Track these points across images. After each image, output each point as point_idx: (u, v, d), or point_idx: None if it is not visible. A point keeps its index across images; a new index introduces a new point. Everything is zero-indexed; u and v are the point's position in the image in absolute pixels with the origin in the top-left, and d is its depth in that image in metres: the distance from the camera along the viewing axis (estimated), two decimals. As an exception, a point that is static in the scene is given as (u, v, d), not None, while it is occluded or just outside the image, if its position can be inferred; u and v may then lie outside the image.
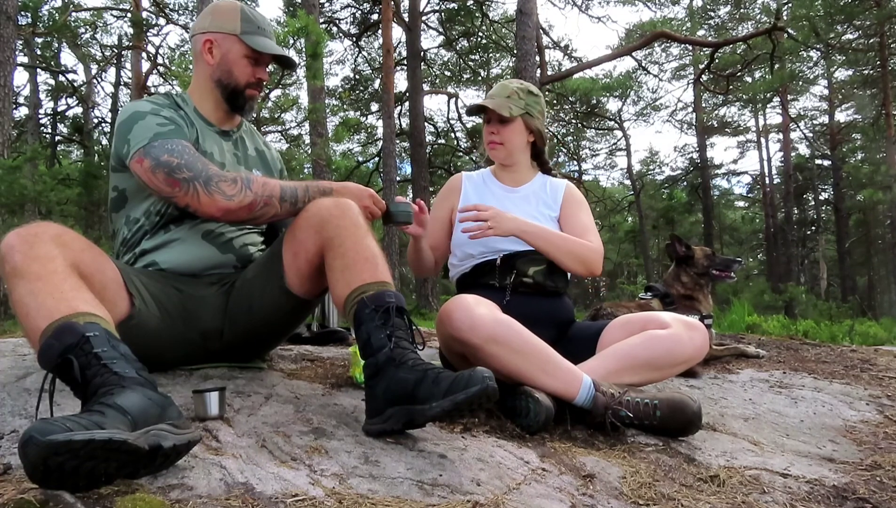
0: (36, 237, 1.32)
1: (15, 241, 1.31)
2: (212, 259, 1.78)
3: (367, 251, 1.51)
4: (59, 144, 19.90)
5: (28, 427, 0.95)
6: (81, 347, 1.17)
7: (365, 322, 1.43)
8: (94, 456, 0.97)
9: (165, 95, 1.86)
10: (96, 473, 1.00)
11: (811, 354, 3.39)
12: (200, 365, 1.79)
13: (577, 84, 18.98)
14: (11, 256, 1.29)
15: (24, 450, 0.94)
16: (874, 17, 15.35)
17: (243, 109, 1.88)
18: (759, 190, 25.96)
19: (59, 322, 1.20)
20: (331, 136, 10.67)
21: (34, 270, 1.27)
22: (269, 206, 1.61)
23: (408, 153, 18.41)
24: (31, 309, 1.24)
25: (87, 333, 1.19)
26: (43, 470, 0.94)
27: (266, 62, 1.86)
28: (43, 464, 0.93)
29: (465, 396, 1.27)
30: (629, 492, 1.32)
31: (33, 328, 1.23)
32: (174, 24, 15.11)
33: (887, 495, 1.42)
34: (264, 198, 1.61)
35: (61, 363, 1.16)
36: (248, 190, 1.60)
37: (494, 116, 2.12)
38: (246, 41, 1.79)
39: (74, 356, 1.16)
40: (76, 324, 1.21)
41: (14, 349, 1.92)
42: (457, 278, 2.17)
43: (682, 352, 1.82)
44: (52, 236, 1.35)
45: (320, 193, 1.66)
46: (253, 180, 1.62)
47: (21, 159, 10.30)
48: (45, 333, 1.20)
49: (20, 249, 1.30)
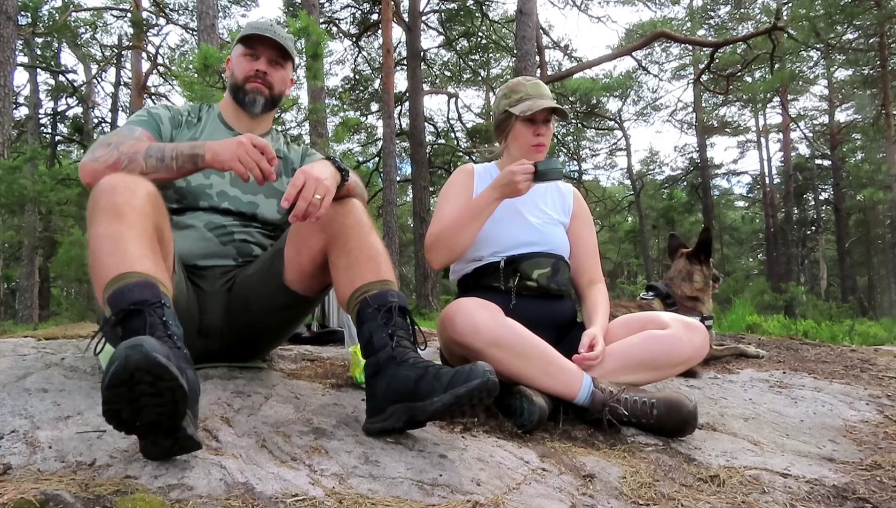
0: (139, 188, 1.36)
1: (119, 183, 1.34)
2: (211, 250, 1.80)
3: (371, 250, 1.51)
4: (59, 144, 19.89)
5: (138, 338, 1.04)
6: (156, 309, 1.20)
7: (367, 321, 1.44)
8: (161, 394, 1.04)
9: (194, 103, 1.99)
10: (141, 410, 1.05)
11: (811, 354, 3.39)
12: (200, 365, 1.79)
13: (577, 84, 19.00)
14: (113, 194, 1.32)
15: (126, 352, 1.00)
16: (874, 17, 15.35)
17: (244, 103, 1.90)
18: (759, 190, 25.97)
19: (142, 276, 1.23)
20: (331, 136, 10.65)
21: (130, 218, 1.30)
22: (133, 162, 1.53)
23: (408, 153, 18.41)
24: (114, 250, 1.25)
25: (164, 301, 1.22)
26: (126, 378, 1.01)
27: (267, 56, 1.89)
28: (131, 376, 1.00)
29: (466, 389, 1.27)
30: (629, 492, 1.32)
31: (108, 267, 1.24)
32: (174, 24, 15.12)
33: (887, 495, 1.42)
34: (129, 156, 1.53)
35: (131, 311, 1.18)
36: (115, 150, 1.54)
37: (541, 117, 2.06)
38: (240, 40, 1.89)
39: (147, 313, 1.18)
40: (157, 286, 1.24)
41: (14, 349, 1.92)
42: (458, 279, 2.17)
43: (681, 353, 1.82)
44: (149, 192, 1.38)
45: (189, 155, 1.54)
46: (126, 143, 1.58)
47: (21, 159, 10.30)
48: (125, 278, 1.22)
49: (122, 191, 1.33)
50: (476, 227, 1.95)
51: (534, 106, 2.01)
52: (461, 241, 1.95)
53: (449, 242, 1.95)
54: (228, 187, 1.86)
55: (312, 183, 1.42)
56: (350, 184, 1.60)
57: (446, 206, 2.06)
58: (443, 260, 1.99)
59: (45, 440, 1.23)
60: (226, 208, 1.84)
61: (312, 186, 1.42)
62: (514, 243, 2.03)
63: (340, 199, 1.57)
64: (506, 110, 2.09)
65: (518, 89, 2.10)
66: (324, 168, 1.49)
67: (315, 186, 1.42)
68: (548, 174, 1.86)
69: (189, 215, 1.80)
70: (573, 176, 24.48)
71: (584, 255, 2.14)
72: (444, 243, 1.96)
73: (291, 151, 2.04)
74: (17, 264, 15.26)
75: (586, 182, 25.52)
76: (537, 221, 2.09)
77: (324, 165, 1.51)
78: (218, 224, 1.82)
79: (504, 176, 1.89)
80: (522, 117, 2.04)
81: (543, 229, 2.08)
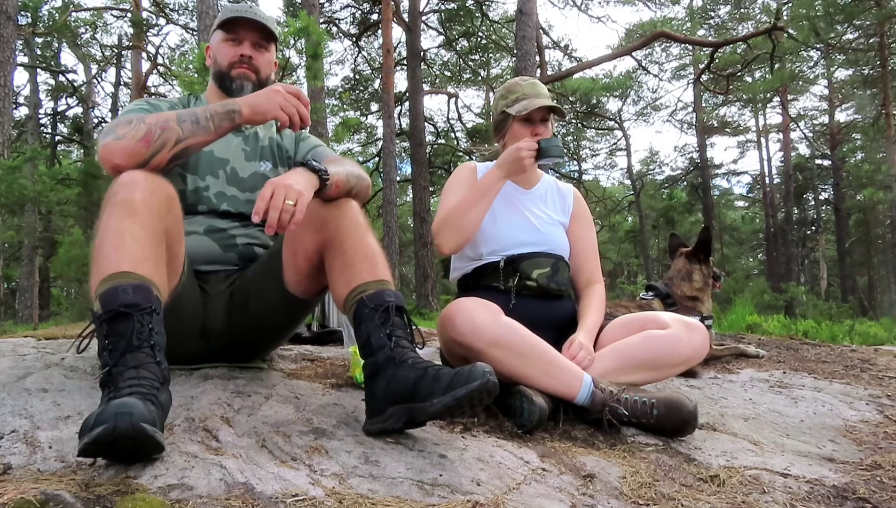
0: (159, 188, 1.36)
1: (140, 181, 1.34)
2: (213, 256, 1.77)
3: (366, 250, 1.51)
4: (59, 144, 19.90)
5: (128, 402, 1.07)
6: (144, 315, 1.21)
7: (364, 321, 1.43)
8: (139, 453, 1.11)
9: (182, 96, 1.95)
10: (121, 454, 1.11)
11: (811, 354, 3.39)
12: (200, 365, 1.79)
13: (577, 84, 19.00)
14: (132, 190, 1.32)
15: (116, 419, 1.03)
16: (874, 17, 15.35)
17: (231, 90, 1.82)
18: (759, 190, 25.97)
19: (139, 279, 1.24)
20: (331, 136, 10.66)
21: (144, 217, 1.30)
22: (168, 130, 1.44)
23: (408, 153, 18.41)
24: (119, 246, 1.26)
25: (155, 307, 1.23)
26: (111, 442, 1.03)
27: (250, 39, 1.83)
28: (116, 440, 1.03)
29: (465, 391, 1.27)
30: (629, 492, 1.32)
31: (110, 261, 1.25)
32: (174, 24, 15.12)
33: (887, 495, 1.42)
34: (160, 125, 1.45)
35: (120, 313, 1.19)
36: (142, 123, 1.44)
37: (538, 117, 2.06)
38: (219, 25, 1.84)
39: (136, 319, 1.19)
40: (152, 291, 1.24)
41: (14, 349, 1.92)
42: (458, 279, 2.17)
43: (681, 352, 1.82)
44: (169, 195, 1.39)
45: (225, 112, 1.50)
46: (148, 117, 1.48)
47: (21, 159, 10.30)
48: (123, 277, 1.23)
49: (142, 190, 1.32)
50: (483, 207, 1.96)
51: (530, 106, 2.02)
52: (469, 221, 1.95)
53: (458, 221, 1.95)
54: (225, 187, 1.82)
55: (282, 190, 1.36)
56: (337, 181, 1.53)
57: (451, 196, 2.06)
58: (453, 243, 1.98)
59: (45, 440, 1.23)
60: (225, 211, 1.81)
61: (282, 194, 1.35)
62: (514, 243, 2.03)
63: (335, 200, 1.55)
64: (503, 111, 2.10)
65: (515, 90, 2.10)
66: (294, 175, 1.43)
67: (285, 193, 1.36)
68: (550, 151, 1.93)
69: (189, 219, 1.74)
70: (573, 176, 24.47)
71: (584, 255, 2.15)
72: (452, 225, 1.96)
73: (284, 139, 1.98)
74: (17, 264, 15.27)
75: (586, 182, 25.52)
76: (537, 221, 2.10)
77: (295, 172, 1.45)
78: (219, 228, 1.79)
79: (510, 153, 1.93)
80: (519, 117, 2.04)
81: (543, 229, 2.09)
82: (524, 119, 2.05)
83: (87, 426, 1.05)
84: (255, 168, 1.88)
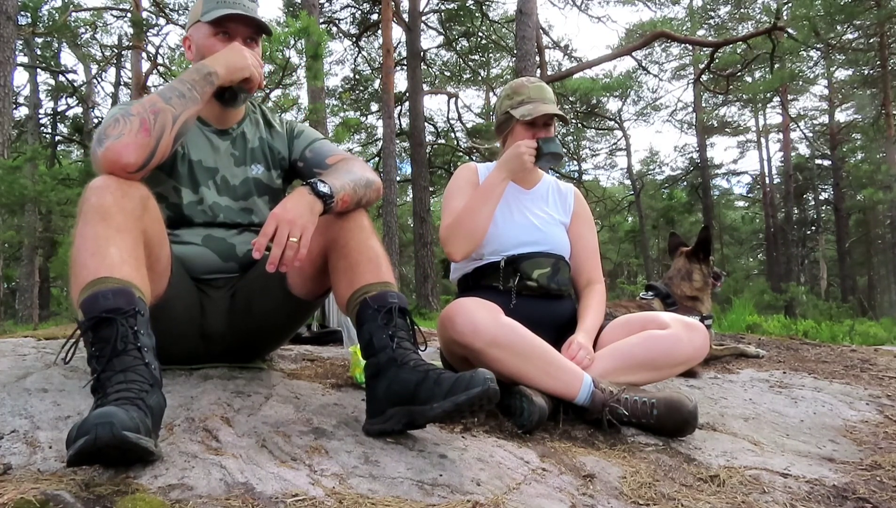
0: (130, 188, 1.35)
1: (111, 184, 1.32)
2: (213, 267, 1.72)
3: (370, 252, 1.50)
4: (59, 144, 19.88)
5: (109, 411, 1.04)
6: (128, 318, 1.20)
7: (367, 323, 1.43)
8: (128, 459, 1.09)
9: None
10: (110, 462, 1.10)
11: (811, 354, 3.39)
12: (200, 365, 1.79)
13: (577, 84, 18.96)
14: (102, 194, 1.30)
15: (97, 430, 1.01)
16: (874, 17, 15.35)
17: (235, 102, 1.67)
18: (759, 190, 25.96)
19: (119, 283, 1.23)
20: (331, 136, 10.66)
21: (118, 220, 1.29)
22: (161, 112, 1.39)
23: (408, 153, 18.40)
24: (96, 252, 1.24)
25: (139, 309, 1.22)
26: (94, 452, 1.02)
27: (242, 34, 1.66)
28: (99, 450, 1.02)
29: (466, 397, 1.27)
30: (629, 492, 1.32)
31: (88, 268, 1.23)
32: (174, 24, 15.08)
33: (887, 495, 1.42)
34: (150, 110, 1.39)
35: (103, 319, 1.18)
36: (130, 116, 1.38)
37: (542, 121, 2.05)
38: (206, 19, 1.64)
39: (119, 322, 1.18)
40: (133, 293, 1.23)
41: (14, 349, 1.92)
42: (458, 279, 2.17)
43: (681, 353, 1.82)
44: (143, 196, 1.37)
45: (202, 77, 1.47)
46: (132, 107, 1.42)
47: (21, 159, 10.30)
48: (102, 282, 1.22)
49: (114, 192, 1.31)
50: (490, 209, 1.97)
51: (535, 111, 2.02)
52: (478, 224, 1.96)
53: (467, 225, 1.95)
54: (218, 197, 1.74)
55: (286, 227, 1.33)
56: (343, 197, 1.49)
57: (455, 200, 2.05)
58: (464, 249, 1.97)
59: (45, 440, 1.23)
60: (221, 222, 1.74)
61: (286, 230, 1.33)
62: (515, 243, 2.03)
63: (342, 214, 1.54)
64: (507, 112, 2.09)
65: (521, 91, 2.10)
66: (297, 204, 1.39)
67: (289, 229, 1.33)
68: (550, 148, 1.97)
69: (186, 230, 1.71)
70: (573, 176, 24.47)
71: (584, 255, 2.15)
72: (461, 230, 1.95)
73: (276, 138, 1.83)
74: (17, 264, 15.26)
75: (586, 182, 25.50)
76: (538, 220, 2.10)
77: (298, 199, 1.40)
78: (217, 238, 1.73)
79: (512, 152, 1.97)
80: (523, 121, 2.04)
81: (544, 229, 2.09)
82: (527, 123, 2.05)
83: (70, 437, 1.04)
84: (245, 173, 1.78)
